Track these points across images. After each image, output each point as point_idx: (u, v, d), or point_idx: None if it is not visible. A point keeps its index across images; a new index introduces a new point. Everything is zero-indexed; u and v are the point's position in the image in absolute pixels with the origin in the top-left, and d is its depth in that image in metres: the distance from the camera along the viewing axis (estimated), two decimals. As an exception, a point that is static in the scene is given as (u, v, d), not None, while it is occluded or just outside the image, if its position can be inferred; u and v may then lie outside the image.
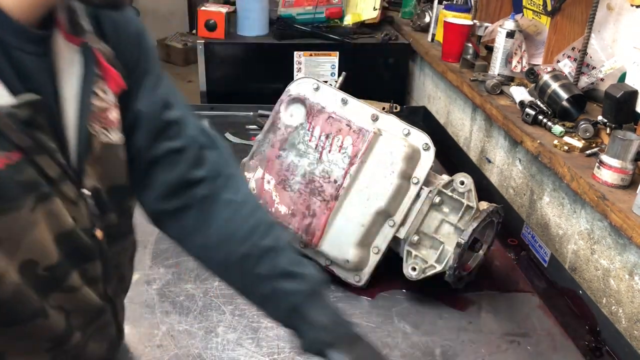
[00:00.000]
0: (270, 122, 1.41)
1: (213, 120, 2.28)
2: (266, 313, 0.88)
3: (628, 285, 1.27)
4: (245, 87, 2.56)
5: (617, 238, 1.30)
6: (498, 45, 1.88)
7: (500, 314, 1.31)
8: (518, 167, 1.76)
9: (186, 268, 1.37)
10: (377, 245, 1.33)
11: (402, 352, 1.17)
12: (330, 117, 1.34)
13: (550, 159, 1.46)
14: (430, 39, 2.45)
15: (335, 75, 2.55)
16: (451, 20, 2.14)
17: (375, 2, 2.69)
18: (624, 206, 1.22)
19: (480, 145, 2.03)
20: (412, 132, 1.34)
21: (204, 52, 2.49)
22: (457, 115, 2.23)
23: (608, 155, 1.29)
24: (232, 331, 1.19)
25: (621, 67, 1.55)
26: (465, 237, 1.24)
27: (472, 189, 1.27)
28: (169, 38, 6.81)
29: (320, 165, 1.33)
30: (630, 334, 1.25)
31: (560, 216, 1.53)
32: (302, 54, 2.52)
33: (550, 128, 1.56)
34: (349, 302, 1.31)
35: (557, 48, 1.78)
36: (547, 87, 1.60)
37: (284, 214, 1.34)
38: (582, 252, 1.44)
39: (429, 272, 1.28)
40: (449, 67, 2.13)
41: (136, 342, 1.14)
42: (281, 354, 1.14)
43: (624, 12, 1.55)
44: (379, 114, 1.36)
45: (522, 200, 1.74)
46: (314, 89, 1.40)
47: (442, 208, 1.30)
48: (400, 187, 1.30)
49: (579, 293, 1.36)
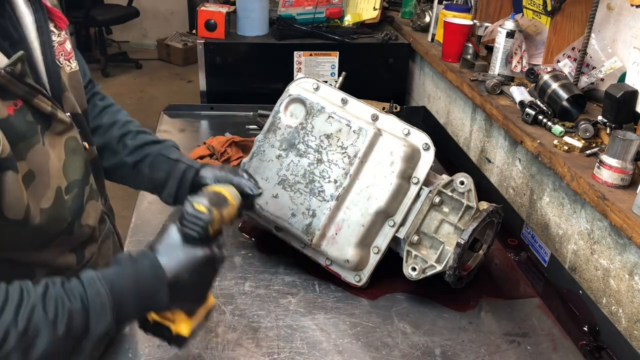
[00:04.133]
0: (270, 122, 1.41)
1: (213, 120, 2.31)
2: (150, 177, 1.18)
3: (628, 285, 1.27)
4: (245, 87, 2.56)
5: (617, 238, 1.30)
6: (498, 45, 1.88)
7: (500, 314, 1.31)
8: (518, 167, 1.76)
9: (186, 268, 1.37)
10: (377, 245, 1.33)
11: (402, 352, 1.17)
12: (330, 117, 1.34)
13: (550, 159, 1.46)
14: (430, 39, 2.45)
15: (335, 75, 2.56)
16: (451, 20, 2.14)
17: (375, 2, 2.69)
18: (624, 206, 1.22)
19: (480, 145, 2.03)
20: (412, 132, 1.34)
21: (204, 52, 2.49)
22: (457, 115, 2.24)
23: (608, 155, 1.29)
24: (232, 331, 1.19)
25: (621, 67, 1.55)
26: (465, 237, 1.24)
27: (472, 189, 1.27)
28: (169, 38, 6.82)
29: (320, 165, 1.33)
30: (630, 334, 1.25)
31: (560, 216, 1.53)
32: (302, 54, 2.52)
33: (550, 128, 1.56)
34: (349, 302, 1.31)
35: (557, 48, 1.78)
36: (547, 87, 1.60)
37: (284, 214, 1.34)
38: (582, 252, 1.44)
39: (429, 272, 1.28)
40: (449, 67, 2.13)
41: (136, 342, 1.14)
42: (281, 354, 1.14)
43: (624, 12, 1.55)
44: (379, 114, 1.36)
45: (522, 200, 1.74)
46: (314, 89, 1.40)
47: (442, 208, 1.30)
48: (400, 187, 1.30)
49: (579, 293, 1.36)
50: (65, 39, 0.96)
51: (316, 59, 2.54)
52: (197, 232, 0.91)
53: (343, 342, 1.19)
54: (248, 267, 1.40)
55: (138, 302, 0.85)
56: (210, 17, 2.48)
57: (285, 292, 1.32)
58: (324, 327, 1.22)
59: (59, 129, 0.89)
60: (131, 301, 0.84)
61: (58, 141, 0.89)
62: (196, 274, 0.91)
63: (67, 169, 0.90)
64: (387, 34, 2.59)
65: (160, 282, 0.86)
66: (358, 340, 1.20)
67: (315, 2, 2.60)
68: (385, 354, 1.16)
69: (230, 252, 1.44)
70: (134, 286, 0.84)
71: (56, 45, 0.93)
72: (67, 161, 0.90)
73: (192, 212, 0.92)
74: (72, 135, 0.92)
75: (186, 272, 0.89)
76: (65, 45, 0.96)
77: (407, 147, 1.30)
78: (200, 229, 0.91)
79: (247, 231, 1.53)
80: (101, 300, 0.80)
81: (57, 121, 0.88)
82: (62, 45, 0.95)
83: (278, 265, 1.41)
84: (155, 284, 0.86)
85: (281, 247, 1.42)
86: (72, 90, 0.97)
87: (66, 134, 0.90)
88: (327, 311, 1.27)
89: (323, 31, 2.57)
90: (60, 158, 0.89)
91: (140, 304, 0.86)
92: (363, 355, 1.16)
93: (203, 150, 1.91)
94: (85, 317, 0.78)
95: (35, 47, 0.89)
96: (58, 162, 0.88)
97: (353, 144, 1.31)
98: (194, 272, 0.90)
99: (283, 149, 1.37)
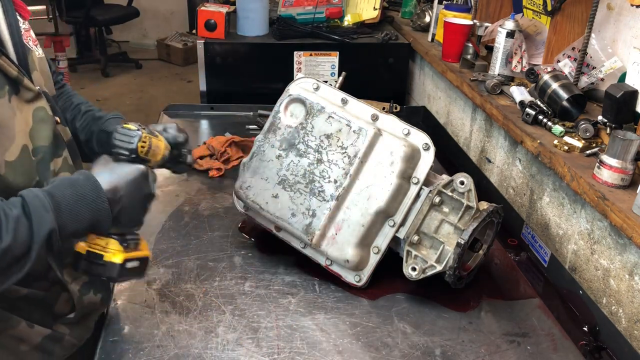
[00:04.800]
0: (270, 122, 1.41)
1: (213, 120, 2.31)
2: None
3: (628, 285, 1.27)
4: (245, 87, 2.56)
5: (617, 238, 1.30)
6: (498, 45, 1.88)
7: (500, 314, 1.31)
8: (518, 167, 1.76)
9: (186, 268, 1.37)
10: (377, 245, 1.33)
11: (402, 352, 1.17)
12: (330, 117, 1.34)
13: (550, 159, 1.46)
14: (430, 39, 2.45)
15: (335, 75, 2.56)
16: (451, 20, 2.14)
17: (375, 2, 2.69)
18: (624, 206, 1.22)
19: (480, 145, 2.03)
20: (412, 132, 1.34)
21: (204, 52, 2.49)
22: (457, 115, 2.23)
23: (608, 155, 1.29)
24: (232, 331, 1.19)
25: (621, 67, 1.55)
26: (465, 237, 1.24)
27: (472, 189, 1.27)
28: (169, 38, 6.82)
29: (320, 165, 1.33)
30: (630, 334, 1.25)
31: (560, 216, 1.53)
32: (302, 54, 2.52)
33: (550, 128, 1.56)
34: (349, 302, 1.31)
35: (557, 48, 1.78)
36: (547, 87, 1.60)
37: (284, 214, 1.34)
38: (582, 252, 1.44)
39: (429, 272, 1.28)
40: (449, 67, 2.13)
41: (136, 342, 1.15)
42: (281, 354, 1.14)
43: (624, 12, 1.55)
44: (379, 114, 1.36)
45: (522, 200, 1.74)
46: (314, 89, 1.40)
47: (442, 208, 1.30)
48: (400, 187, 1.30)
49: (579, 293, 1.36)
50: (29, 28, 1.03)
51: (316, 59, 2.54)
52: (127, 148, 0.96)
53: (343, 342, 1.19)
54: (248, 267, 1.40)
55: (81, 209, 0.87)
56: (210, 17, 2.48)
57: (285, 292, 1.32)
58: (324, 327, 1.22)
59: (27, 96, 0.94)
60: (73, 207, 0.86)
61: (26, 109, 0.94)
62: (131, 185, 0.95)
63: (33, 134, 0.94)
64: (387, 34, 2.59)
65: (97, 190, 0.89)
66: (358, 340, 1.20)
67: (315, 2, 2.60)
68: (385, 354, 1.16)
69: (230, 252, 1.45)
70: (72, 193, 0.87)
71: (23, 31, 0.99)
72: (35, 127, 0.95)
73: (121, 130, 0.99)
74: (40, 105, 0.97)
75: (122, 182, 0.93)
76: (30, 32, 1.02)
77: (407, 147, 1.30)
78: (130, 144, 0.96)
79: (247, 231, 1.53)
80: (41, 203, 0.83)
81: (25, 88, 0.93)
82: (27, 32, 1.01)
83: (278, 265, 1.41)
84: (93, 192, 0.89)
85: (281, 247, 1.42)
86: (42, 74, 1.04)
87: (34, 104, 0.96)
88: (327, 311, 1.27)
89: (323, 31, 2.57)
90: (28, 124, 0.94)
91: (82, 211, 0.88)
92: (363, 355, 1.16)
93: (203, 150, 1.91)
94: (28, 221, 0.81)
95: (2, 26, 0.95)
96: (25, 126, 0.93)
97: (353, 144, 1.31)
98: (129, 183, 0.95)
99: (283, 149, 1.37)
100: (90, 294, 1.11)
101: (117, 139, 0.98)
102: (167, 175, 1.81)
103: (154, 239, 1.47)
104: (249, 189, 1.39)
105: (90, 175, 0.91)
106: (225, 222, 1.57)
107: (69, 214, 0.86)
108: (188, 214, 1.61)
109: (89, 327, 1.16)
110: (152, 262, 1.39)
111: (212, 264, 1.40)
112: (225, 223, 1.57)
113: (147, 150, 1.02)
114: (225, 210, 1.63)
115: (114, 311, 1.22)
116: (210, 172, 1.82)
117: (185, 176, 1.81)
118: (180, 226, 1.54)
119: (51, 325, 1.05)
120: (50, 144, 0.98)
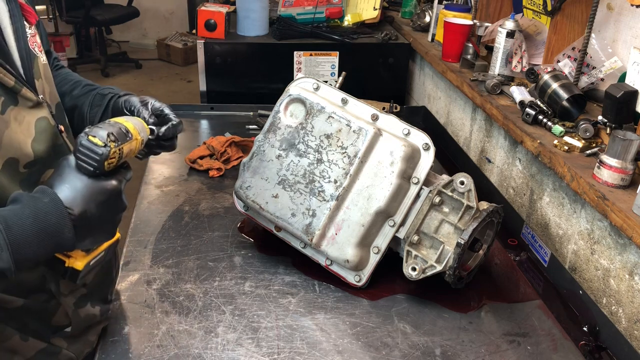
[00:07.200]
0: (270, 122, 1.41)
1: (213, 120, 2.31)
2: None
3: (628, 285, 1.27)
4: (245, 87, 2.56)
5: (617, 238, 1.30)
6: (498, 45, 1.88)
7: (500, 314, 1.31)
8: (518, 167, 1.76)
9: (186, 268, 1.37)
10: (377, 245, 1.33)
11: (402, 352, 1.17)
12: (330, 117, 1.34)
13: (550, 159, 1.46)
14: (430, 39, 2.46)
15: (335, 75, 2.56)
16: (451, 20, 2.14)
17: (375, 2, 2.70)
18: (624, 206, 1.22)
19: (480, 145, 2.03)
20: (412, 132, 1.34)
21: (204, 52, 2.49)
22: (457, 115, 2.23)
23: (608, 155, 1.29)
24: (232, 331, 1.19)
25: (621, 67, 1.55)
26: (465, 237, 1.24)
27: (472, 189, 1.27)
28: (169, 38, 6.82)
29: (320, 165, 1.33)
30: (630, 334, 1.25)
31: (560, 216, 1.53)
32: (302, 54, 2.52)
33: (550, 128, 1.56)
34: (349, 302, 1.31)
35: (557, 48, 1.78)
36: (547, 87, 1.60)
37: (284, 214, 1.34)
38: (582, 252, 1.44)
39: (429, 272, 1.28)
40: (449, 67, 2.13)
41: (136, 342, 1.15)
42: (281, 354, 1.14)
43: (624, 12, 1.55)
44: (379, 114, 1.36)
45: (522, 200, 1.74)
46: (314, 89, 1.40)
47: (442, 208, 1.30)
48: (400, 187, 1.30)
49: (579, 293, 1.36)
50: (35, 33, 1.00)
51: (316, 59, 2.54)
52: (92, 165, 0.86)
53: (343, 342, 1.19)
54: (248, 267, 1.40)
55: (42, 241, 0.81)
56: (210, 17, 2.48)
57: (285, 292, 1.32)
58: (324, 327, 1.22)
59: (27, 106, 0.91)
60: (32, 241, 0.80)
61: (28, 119, 0.91)
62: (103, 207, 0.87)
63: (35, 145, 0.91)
64: (387, 33, 2.59)
65: (63, 219, 0.82)
66: (358, 340, 1.20)
67: (315, 2, 2.60)
68: (385, 354, 1.16)
69: (230, 252, 1.45)
70: (33, 224, 0.80)
71: (29, 36, 0.97)
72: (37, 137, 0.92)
73: (87, 144, 0.86)
74: (42, 115, 0.94)
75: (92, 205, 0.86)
76: (36, 38, 1.00)
77: (407, 147, 1.30)
78: (95, 162, 0.86)
79: (247, 231, 1.53)
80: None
81: (23, 98, 0.90)
82: (33, 37, 0.99)
83: (278, 265, 1.41)
84: (59, 221, 0.82)
85: (281, 247, 1.42)
86: (47, 81, 1.01)
87: (36, 113, 0.93)
88: (327, 311, 1.27)
89: (323, 31, 2.58)
90: (31, 134, 0.91)
91: (44, 243, 0.82)
92: (363, 355, 1.16)
93: (203, 150, 1.91)
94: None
95: (9, 32, 0.92)
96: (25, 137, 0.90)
97: (353, 144, 1.31)
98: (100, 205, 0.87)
99: (283, 149, 1.37)
100: (88, 307, 1.07)
101: (81, 153, 0.86)
102: (167, 175, 1.82)
103: (154, 239, 1.47)
104: (249, 189, 1.39)
105: (57, 201, 0.83)
106: (225, 222, 1.57)
107: (32, 250, 0.80)
108: (188, 213, 1.61)
109: (90, 341, 1.11)
110: (152, 262, 1.39)
111: (212, 264, 1.40)
112: (225, 223, 1.57)
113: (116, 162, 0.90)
114: (225, 210, 1.63)
115: (114, 311, 1.22)
116: (210, 172, 1.82)
117: (185, 176, 1.82)
118: (180, 226, 1.54)
119: (48, 338, 1.01)
120: (49, 156, 0.94)
